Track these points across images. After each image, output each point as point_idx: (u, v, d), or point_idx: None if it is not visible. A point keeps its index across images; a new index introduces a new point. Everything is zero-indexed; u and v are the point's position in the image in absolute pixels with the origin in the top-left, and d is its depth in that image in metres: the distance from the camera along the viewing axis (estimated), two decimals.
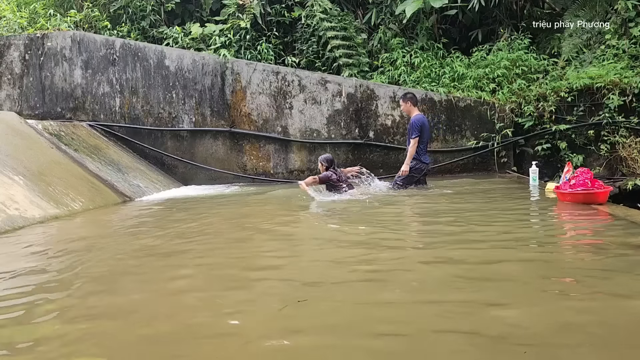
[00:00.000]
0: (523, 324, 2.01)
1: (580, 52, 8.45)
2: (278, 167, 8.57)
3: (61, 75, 8.80)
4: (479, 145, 8.05)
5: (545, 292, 2.44)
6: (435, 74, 8.63)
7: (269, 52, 9.12)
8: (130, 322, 2.24)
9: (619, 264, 2.82)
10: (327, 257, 3.27)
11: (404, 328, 2.06)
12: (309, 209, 5.34)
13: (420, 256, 3.22)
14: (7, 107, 8.76)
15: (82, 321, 2.25)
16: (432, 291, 2.51)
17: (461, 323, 2.06)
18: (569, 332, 1.95)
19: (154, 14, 9.77)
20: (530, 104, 7.87)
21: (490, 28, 9.44)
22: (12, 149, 6.00)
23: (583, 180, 4.82)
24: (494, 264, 2.95)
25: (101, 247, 3.84)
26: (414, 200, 5.77)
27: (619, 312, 2.14)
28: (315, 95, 8.43)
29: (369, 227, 4.16)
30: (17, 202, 4.89)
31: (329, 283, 2.69)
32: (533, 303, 2.28)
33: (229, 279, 2.89)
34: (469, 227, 4.01)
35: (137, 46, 8.73)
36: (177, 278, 2.90)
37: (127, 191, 6.79)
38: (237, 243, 3.92)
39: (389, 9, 9.45)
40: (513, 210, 4.81)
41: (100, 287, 2.79)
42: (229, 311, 2.31)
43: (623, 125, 7.56)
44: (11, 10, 9.93)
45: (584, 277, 2.69)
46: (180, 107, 8.67)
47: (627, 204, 5.27)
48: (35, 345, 1.99)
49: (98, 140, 8.18)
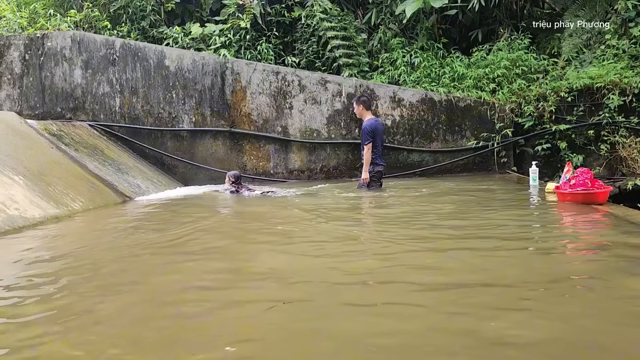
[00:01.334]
0: (522, 326, 2.01)
1: (580, 52, 8.46)
2: (278, 167, 8.57)
3: (61, 75, 8.80)
4: (479, 145, 8.06)
5: (545, 292, 2.44)
6: (435, 74, 8.64)
7: (269, 52, 9.12)
8: (125, 323, 2.24)
9: (619, 264, 2.82)
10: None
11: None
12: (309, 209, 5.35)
13: (422, 258, 3.23)
14: (7, 107, 8.76)
15: (79, 323, 2.25)
16: (432, 290, 2.51)
17: (459, 325, 2.06)
18: (569, 332, 1.95)
19: (154, 14, 9.77)
20: (530, 104, 7.87)
21: (490, 28, 9.45)
22: (12, 149, 6.00)
23: (583, 180, 4.82)
24: (492, 263, 2.95)
25: (101, 247, 3.84)
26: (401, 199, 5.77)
27: (619, 312, 2.14)
28: (315, 95, 8.44)
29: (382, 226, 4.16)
30: (17, 202, 4.89)
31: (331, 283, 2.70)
32: (533, 303, 2.28)
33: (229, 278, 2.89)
34: (468, 227, 4.01)
35: (137, 46, 8.73)
36: (175, 279, 2.90)
37: (127, 191, 6.79)
38: (237, 243, 3.92)
39: (389, 9, 9.46)
40: (513, 210, 4.81)
41: (101, 287, 2.79)
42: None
43: (623, 125, 7.56)
44: (11, 10, 9.92)
45: (584, 277, 2.69)
46: (180, 107, 8.67)
47: (627, 204, 5.28)
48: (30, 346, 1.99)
49: (98, 140, 8.18)
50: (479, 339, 1.89)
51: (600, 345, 1.83)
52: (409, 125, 8.28)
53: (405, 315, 2.19)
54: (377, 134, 6.46)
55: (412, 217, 4.58)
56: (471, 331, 1.96)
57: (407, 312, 2.22)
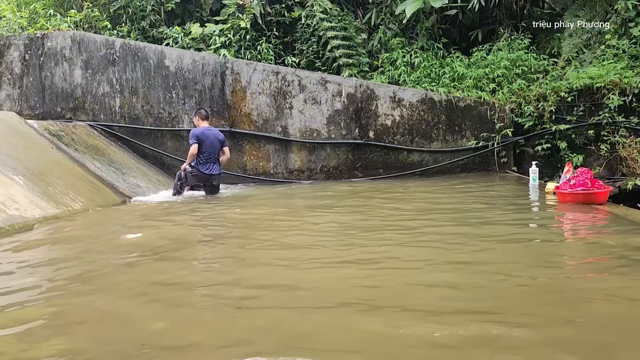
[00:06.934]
0: (521, 327, 2.00)
1: (580, 52, 8.45)
2: (278, 167, 8.57)
3: (61, 75, 8.80)
4: (479, 145, 8.05)
5: (545, 293, 2.44)
6: (435, 74, 8.63)
7: (269, 52, 9.12)
8: (119, 322, 2.24)
9: (619, 264, 2.82)
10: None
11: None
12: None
13: (425, 257, 3.22)
14: (7, 107, 8.76)
15: (75, 323, 2.25)
16: (431, 290, 2.51)
17: (455, 327, 2.06)
18: (568, 334, 1.95)
19: (154, 14, 9.76)
20: (530, 104, 7.87)
21: (490, 28, 9.44)
22: (12, 149, 6.00)
23: (583, 180, 4.82)
24: (491, 264, 2.95)
25: (101, 247, 3.84)
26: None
27: (620, 312, 2.14)
28: (315, 95, 8.43)
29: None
30: (17, 202, 4.89)
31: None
32: (532, 304, 2.27)
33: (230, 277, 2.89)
34: (467, 227, 4.01)
35: (137, 46, 8.73)
36: (172, 281, 2.90)
37: (127, 191, 6.79)
38: (240, 240, 3.92)
39: (389, 9, 9.45)
40: (513, 210, 4.81)
41: (99, 286, 2.79)
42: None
43: (623, 125, 7.56)
44: (11, 10, 9.92)
45: (584, 277, 2.69)
46: (180, 107, 8.67)
47: (627, 204, 5.28)
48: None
49: (98, 140, 8.18)
50: (479, 338, 1.89)
51: (601, 349, 1.82)
52: (409, 125, 8.27)
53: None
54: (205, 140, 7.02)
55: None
56: (472, 331, 1.96)
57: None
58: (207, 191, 7.19)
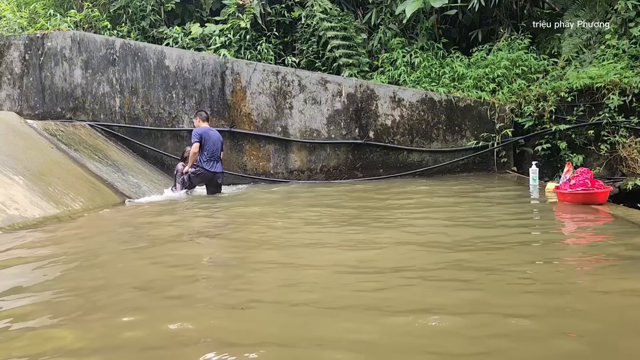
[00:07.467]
0: (520, 327, 2.01)
1: (580, 52, 8.45)
2: (278, 167, 8.57)
3: (61, 75, 8.80)
4: (479, 145, 8.05)
5: (545, 293, 2.44)
6: (435, 74, 8.63)
7: (269, 52, 9.12)
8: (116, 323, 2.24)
9: (620, 264, 2.82)
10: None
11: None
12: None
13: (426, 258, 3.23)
14: (7, 107, 8.76)
15: (72, 322, 2.26)
16: (431, 291, 2.51)
17: (453, 330, 2.06)
18: (568, 334, 1.95)
19: (154, 14, 9.77)
20: (530, 104, 7.87)
21: (490, 28, 9.44)
22: (12, 149, 6.00)
23: (583, 180, 4.82)
24: (491, 264, 2.95)
25: (102, 246, 3.84)
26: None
27: (620, 312, 2.14)
28: (315, 95, 8.43)
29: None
30: (17, 202, 4.89)
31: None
32: (532, 305, 2.27)
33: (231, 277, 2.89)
34: (467, 228, 4.01)
35: (137, 46, 8.73)
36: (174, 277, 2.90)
37: (127, 191, 6.78)
38: (238, 242, 3.92)
39: (389, 9, 9.45)
40: (513, 210, 4.80)
41: (100, 286, 2.80)
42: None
43: (623, 125, 7.56)
44: (11, 10, 9.93)
45: (584, 277, 2.69)
46: (180, 107, 8.67)
47: (627, 204, 5.28)
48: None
49: (98, 140, 8.18)
50: (481, 337, 1.89)
51: (602, 349, 1.82)
52: (409, 125, 8.27)
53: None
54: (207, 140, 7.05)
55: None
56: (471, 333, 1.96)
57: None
58: (209, 191, 7.15)
